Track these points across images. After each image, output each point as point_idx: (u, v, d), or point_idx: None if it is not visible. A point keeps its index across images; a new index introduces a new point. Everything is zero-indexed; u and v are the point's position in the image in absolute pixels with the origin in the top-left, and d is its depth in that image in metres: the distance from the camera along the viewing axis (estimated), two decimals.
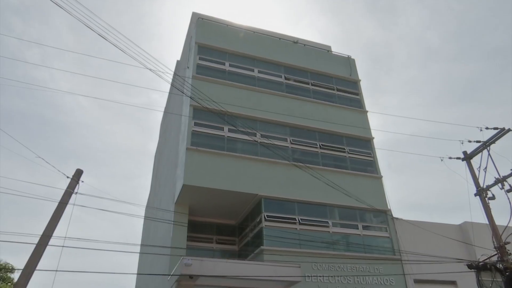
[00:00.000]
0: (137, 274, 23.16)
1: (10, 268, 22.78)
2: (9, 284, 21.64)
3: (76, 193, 9.59)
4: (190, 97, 14.79)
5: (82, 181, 9.76)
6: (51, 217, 9.14)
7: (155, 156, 28.63)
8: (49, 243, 8.88)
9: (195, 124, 14.99)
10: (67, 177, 9.59)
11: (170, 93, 23.03)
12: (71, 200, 9.49)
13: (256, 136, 15.46)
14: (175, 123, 19.04)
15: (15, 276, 22.57)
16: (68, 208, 9.42)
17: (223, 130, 15.24)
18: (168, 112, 23.47)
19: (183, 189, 13.79)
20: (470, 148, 13.44)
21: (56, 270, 9.29)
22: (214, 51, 17.40)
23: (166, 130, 23.92)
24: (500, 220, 12.21)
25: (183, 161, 14.31)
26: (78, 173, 9.83)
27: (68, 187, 9.55)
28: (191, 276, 11.19)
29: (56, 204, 9.31)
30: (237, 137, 15.30)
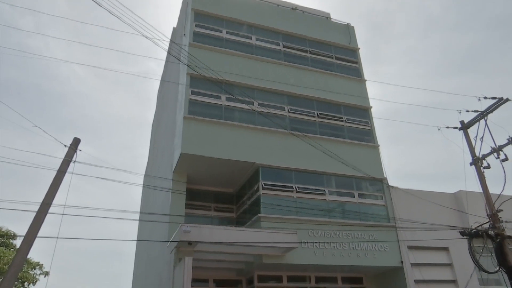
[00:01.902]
0: (137, 241, 23.62)
1: (12, 235, 23.14)
2: (11, 250, 22.05)
3: (74, 162, 9.63)
4: (187, 65, 14.62)
5: (80, 150, 9.79)
6: (50, 185, 9.22)
7: (153, 125, 28.58)
8: (49, 211, 9.00)
9: (192, 92, 14.89)
10: (65, 146, 9.60)
11: (167, 61, 22.72)
12: (70, 169, 9.55)
13: (253, 105, 15.40)
14: (172, 92, 18.90)
15: (17, 242, 22.99)
16: (67, 177, 9.49)
17: (221, 99, 15.17)
18: (165, 80, 23.24)
19: (180, 158, 13.86)
20: (467, 118, 13.46)
21: (57, 237, 9.47)
22: (211, 18, 17.06)
23: (163, 99, 23.77)
24: (494, 189, 12.42)
25: (180, 130, 14.31)
26: (76, 142, 9.84)
27: (66, 156, 9.57)
28: (190, 243, 11.43)
29: (55, 173, 9.38)
30: (234, 106, 15.25)
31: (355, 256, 14.04)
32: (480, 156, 12.64)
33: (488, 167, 12.48)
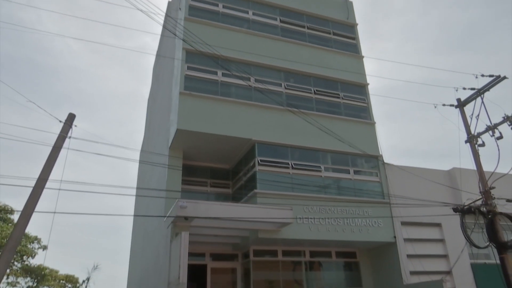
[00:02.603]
0: (134, 216, 23.82)
1: (10, 210, 23.27)
2: (9, 225, 22.22)
3: (70, 137, 9.60)
4: (183, 40, 14.40)
5: (75, 126, 9.74)
6: (46, 161, 9.21)
7: (148, 100, 28.37)
8: (46, 186, 9.03)
9: (188, 68, 14.73)
10: (60, 121, 9.55)
11: (162, 35, 22.36)
12: (65, 145, 9.53)
13: (250, 81, 15.29)
14: (167, 67, 18.69)
15: (15, 217, 23.13)
16: (63, 152, 9.48)
17: (217, 75, 15.03)
18: (160, 55, 22.94)
19: (176, 134, 13.85)
20: (464, 95, 13.46)
21: (54, 212, 9.54)
22: None
23: (158, 74, 23.52)
24: (488, 167, 12.55)
25: (176, 106, 14.24)
26: (71, 117, 9.78)
27: (61, 132, 9.53)
28: (186, 218, 11.55)
29: (50, 148, 9.36)
30: (230, 82, 15.13)
31: (349, 231, 14.27)
32: (475, 134, 12.70)
33: (483, 144, 12.56)
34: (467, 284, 15.28)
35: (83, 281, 13.97)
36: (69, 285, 27.19)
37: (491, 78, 12.66)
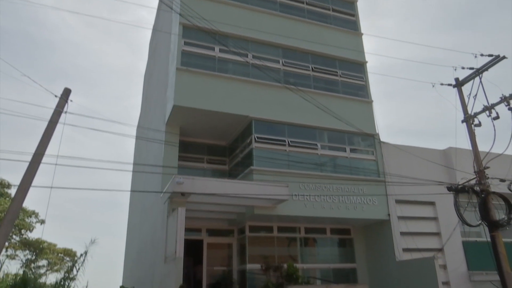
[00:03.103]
0: (131, 191, 23.96)
1: (7, 184, 23.33)
2: (7, 199, 22.31)
3: (66, 112, 9.54)
4: (180, 14, 14.16)
5: (71, 100, 9.66)
6: (42, 135, 9.19)
7: (145, 76, 28.09)
8: (43, 161, 9.04)
9: (185, 43, 14.53)
10: (55, 96, 9.47)
11: (159, 9, 21.96)
12: (61, 120, 9.48)
13: (247, 57, 15.13)
14: (164, 42, 18.42)
15: (12, 192, 23.21)
16: (59, 128, 9.44)
17: (214, 50, 14.86)
18: (157, 30, 22.57)
19: (173, 110, 13.78)
20: (462, 75, 13.42)
21: (51, 187, 9.58)
22: None
23: (155, 50, 23.21)
24: (483, 147, 12.64)
25: (173, 82, 14.12)
26: (66, 92, 9.69)
27: (57, 107, 9.47)
28: (183, 194, 11.63)
29: (46, 123, 9.31)
30: (228, 58, 14.97)
31: (344, 208, 14.45)
32: (472, 114, 12.72)
33: (479, 125, 12.60)
34: (458, 261, 15.61)
35: (81, 255, 14.18)
36: (67, 259, 27.56)
37: (490, 58, 12.59)
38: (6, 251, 23.47)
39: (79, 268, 14.17)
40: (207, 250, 14.96)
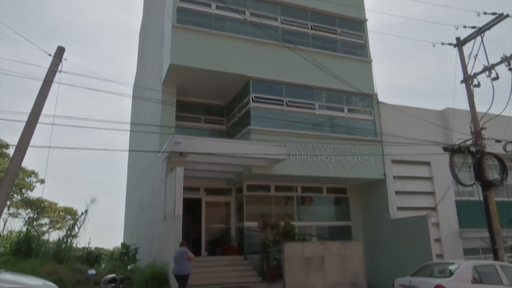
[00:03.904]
0: (129, 151, 24.05)
1: (5, 144, 23.33)
2: (6, 159, 22.40)
3: (60, 71, 9.39)
4: None
5: (65, 59, 9.49)
6: (38, 95, 9.10)
7: (140, 33, 27.43)
8: (40, 121, 9.00)
9: None
10: (49, 54, 9.29)
11: None
12: (56, 79, 9.35)
13: (245, 14, 14.73)
14: None
15: (11, 152, 23.28)
16: (55, 87, 9.34)
17: (211, 7, 14.43)
18: None
19: (170, 69, 13.59)
20: (464, 34, 13.17)
21: (49, 147, 9.61)
22: None
23: (150, 6, 22.52)
24: (481, 108, 12.62)
25: (169, 40, 13.83)
26: (60, 50, 9.50)
27: (51, 65, 9.32)
28: (180, 153, 11.71)
29: (41, 82, 9.19)
30: (225, 15, 14.58)
31: (340, 168, 14.62)
32: (472, 74, 12.60)
33: (478, 85, 12.53)
34: (450, 219, 16.02)
35: (82, 213, 14.47)
36: (69, 217, 28.07)
37: (493, 16, 12.30)
38: (8, 209, 23.87)
39: (80, 226, 14.49)
40: (206, 208, 15.26)
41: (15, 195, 24.13)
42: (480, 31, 12.51)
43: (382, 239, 15.38)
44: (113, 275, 7.32)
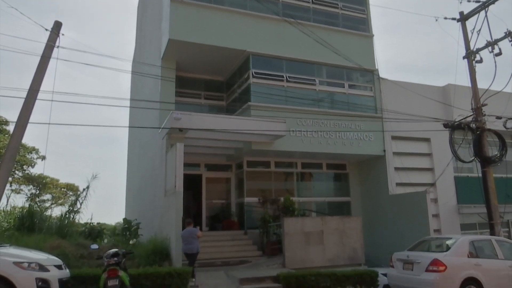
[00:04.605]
0: (129, 127, 24.02)
1: (4, 120, 23.29)
2: (6, 135, 22.41)
3: (58, 47, 9.29)
4: None
5: (63, 34, 9.36)
6: (36, 71, 9.03)
7: (138, 8, 26.94)
8: (39, 98, 8.96)
9: None
10: (46, 29, 9.16)
11: None
12: (54, 55, 9.25)
13: None
14: None
15: (11, 128, 23.26)
16: (53, 63, 9.25)
17: None
18: None
19: (169, 44, 13.42)
20: (468, 9, 12.96)
21: (49, 123, 9.60)
22: None
23: None
24: (483, 85, 12.54)
25: (167, 14, 13.59)
26: (57, 25, 9.35)
27: (48, 40, 9.20)
28: (180, 129, 11.70)
29: (39, 58, 9.10)
30: None
31: (340, 144, 14.65)
32: (474, 49, 12.46)
33: (481, 61, 12.41)
34: (449, 195, 16.17)
35: (84, 189, 14.56)
36: (71, 193, 28.29)
37: None
38: (11, 185, 24.05)
39: (82, 202, 14.60)
40: (206, 184, 15.37)
41: (16, 172, 24.27)
42: (484, 5, 12.28)
43: (381, 214, 15.56)
44: (116, 249, 7.44)
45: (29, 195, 25.03)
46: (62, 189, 28.89)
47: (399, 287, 9.45)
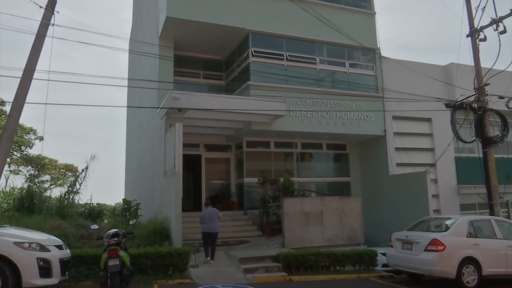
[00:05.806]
0: (127, 107, 23.83)
1: (1, 101, 23.06)
2: (3, 116, 22.23)
3: (53, 25, 9.06)
4: None
5: (58, 12, 9.12)
6: (31, 50, 8.83)
7: None
8: (35, 77, 8.80)
9: None
10: (40, 7, 8.91)
11: None
12: (49, 33, 9.04)
13: None
14: None
15: (7, 109, 23.05)
16: (48, 43, 9.04)
17: None
18: None
19: (166, 22, 13.14)
20: None
21: (46, 104, 9.47)
22: None
23: None
24: (486, 64, 12.34)
25: None
26: (52, 2, 9.10)
27: (43, 18, 8.97)
28: (179, 109, 11.57)
29: (34, 37, 8.89)
30: None
31: (341, 124, 14.54)
32: (478, 27, 12.21)
33: (484, 39, 12.16)
34: (449, 176, 16.15)
35: (82, 170, 14.50)
36: (70, 174, 28.28)
37: None
38: (9, 166, 23.99)
39: (81, 183, 14.57)
40: (206, 164, 15.32)
41: (14, 153, 24.18)
42: None
43: (381, 194, 15.59)
44: (116, 230, 7.41)
45: (28, 176, 25.01)
46: (61, 170, 28.88)
47: (398, 267, 9.51)
